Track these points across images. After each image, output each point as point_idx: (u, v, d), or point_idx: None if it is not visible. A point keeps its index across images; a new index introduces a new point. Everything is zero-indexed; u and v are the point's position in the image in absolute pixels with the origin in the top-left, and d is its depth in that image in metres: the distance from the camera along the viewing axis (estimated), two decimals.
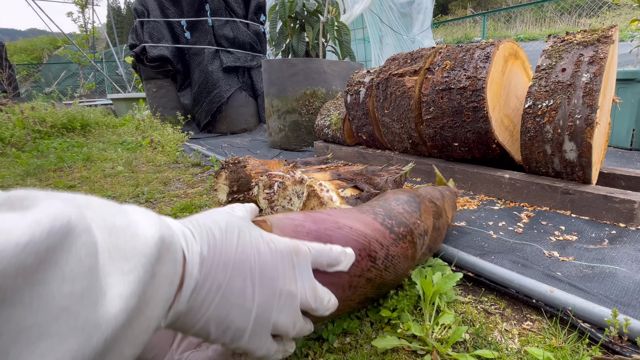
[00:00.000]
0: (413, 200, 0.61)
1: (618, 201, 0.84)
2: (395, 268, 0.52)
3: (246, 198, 1.07)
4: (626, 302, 0.56)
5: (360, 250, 0.47)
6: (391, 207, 0.58)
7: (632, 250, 0.71)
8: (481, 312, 0.59)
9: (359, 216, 0.52)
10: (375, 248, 0.49)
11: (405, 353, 0.49)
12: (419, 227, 0.57)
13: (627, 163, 1.49)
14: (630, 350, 0.47)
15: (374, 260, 0.48)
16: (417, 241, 0.56)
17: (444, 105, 1.16)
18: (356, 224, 0.49)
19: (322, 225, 0.46)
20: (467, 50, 1.17)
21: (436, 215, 0.64)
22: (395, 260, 0.52)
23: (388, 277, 0.51)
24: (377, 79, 1.44)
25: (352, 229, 0.48)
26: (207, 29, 3.02)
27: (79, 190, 1.40)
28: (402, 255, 0.53)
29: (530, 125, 0.96)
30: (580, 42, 0.93)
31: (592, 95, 0.85)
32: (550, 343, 0.50)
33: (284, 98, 2.13)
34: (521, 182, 1.02)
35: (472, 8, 12.95)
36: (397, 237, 0.53)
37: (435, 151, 1.31)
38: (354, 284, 0.46)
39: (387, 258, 0.50)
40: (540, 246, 0.75)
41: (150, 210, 0.30)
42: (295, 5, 2.23)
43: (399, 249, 0.52)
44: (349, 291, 0.46)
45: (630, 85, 1.67)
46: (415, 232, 0.56)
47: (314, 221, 0.46)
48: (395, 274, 0.52)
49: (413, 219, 0.57)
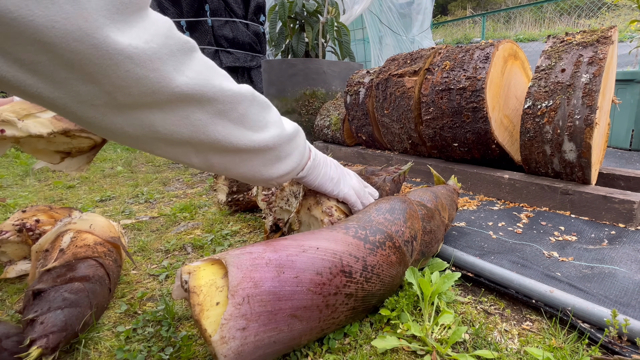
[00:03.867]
0: (397, 208, 0.61)
1: (617, 201, 0.84)
2: (379, 277, 0.52)
3: (245, 198, 1.07)
4: (625, 302, 0.56)
5: (331, 268, 0.47)
6: (370, 218, 0.58)
7: (632, 250, 0.71)
8: (481, 313, 0.59)
9: (328, 234, 0.52)
10: (348, 262, 0.49)
11: (405, 353, 0.49)
12: (403, 234, 0.57)
13: (626, 163, 1.49)
14: (630, 351, 0.47)
15: (349, 274, 0.48)
16: (400, 246, 0.56)
17: (444, 106, 1.16)
18: (323, 243, 0.49)
19: (283, 252, 0.46)
20: (466, 50, 1.17)
21: (426, 217, 0.64)
22: (377, 270, 0.51)
23: (373, 288, 0.51)
24: (377, 80, 1.44)
25: (319, 249, 0.48)
26: (206, 29, 3.02)
27: (78, 191, 1.40)
28: (385, 263, 0.53)
29: (530, 126, 0.96)
30: (579, 42, 0.93)
31: (592, 96, 0.85)
32: (550, 343, 0.50)
33: (283, 98, 2.13)
34: (521, 183, 1.02)
35: (472, 9, 12.96)
36: (374, 246, 0.52)
37: (435, 151, 1.31)
38: (331, 303, 0.46)
39: (365, 269, 0.50)
40: (540, 246, 0.75)
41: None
42: (295, 5, 2.23)
43: (378, 257, 0.52)
44: (327, 310, 0.46)
45: (630, 85, 1.67)
46: (395, 237, 0.56)
47: (275, 250, 0.46)
48: (381, 283, 0.52)
49: (395, 227, 0.57)
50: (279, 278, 0.43)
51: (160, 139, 0.40)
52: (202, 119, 0.41)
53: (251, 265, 0.43)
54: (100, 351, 0.51)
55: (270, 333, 0.42)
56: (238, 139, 0.45)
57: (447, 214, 0.73)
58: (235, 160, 0.48)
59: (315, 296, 0.45)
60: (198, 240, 0.87)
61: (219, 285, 0.43)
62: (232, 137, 0.45)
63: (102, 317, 0.59)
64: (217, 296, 0.42)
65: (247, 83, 3.23)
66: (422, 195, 0.72)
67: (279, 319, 0.42)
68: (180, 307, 0.61)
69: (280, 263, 0.45)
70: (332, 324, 0.48)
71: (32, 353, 0.43)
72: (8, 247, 0.71)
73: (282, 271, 0.44)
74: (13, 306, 0.63)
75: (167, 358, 0.50)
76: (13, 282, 0.71)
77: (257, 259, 0.44)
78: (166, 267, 0.76)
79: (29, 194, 1.34)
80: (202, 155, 0.45)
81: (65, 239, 0.63)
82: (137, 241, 0.89)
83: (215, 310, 0.41)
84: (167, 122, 0.39)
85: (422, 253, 0.62)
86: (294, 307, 0.43)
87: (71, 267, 0.56)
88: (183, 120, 0.40)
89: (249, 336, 0.40)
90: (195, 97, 0.39)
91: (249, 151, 0.48)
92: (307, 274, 0.45)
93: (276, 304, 0.42)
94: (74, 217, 0.69)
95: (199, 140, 0.42)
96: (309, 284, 0.45)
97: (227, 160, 0.47)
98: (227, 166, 0.48)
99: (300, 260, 0.46)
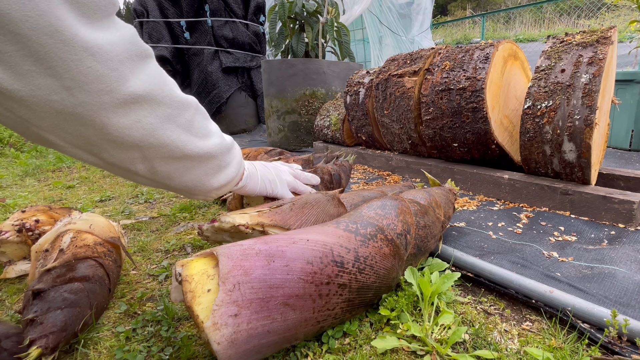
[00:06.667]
0: (388, 204, 0.62)
1: (617, 202, 0.84)
2: (373, 269, 0.52)
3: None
4: (625, 302, 0.56)
5: (322, 257, 0.47)
6: (361, 214, 0.59)
7: (631, 250, 0.71)
8: (481, 313, 0.59)
9: (319, 229, 0.52)
10: (339, 253, 0.49)
11: (404, 353, 0.49)
12: (395, 227, 0.58)
13: (626, 164, 1.49)
14: (630, 351, 0.47)
15: (341, 264, 0.48)
16: (392, 238, 0.56)
17: (444, 106, 1.16)
18: (314, 235, 0.50)
19: (273, 244, 0.47)
20: (466, 51, 1.17)
21: (420, 213, 0.65)
22: (370, 261, 0.52)
23: (367, 280, 0.51)
24: (377, 80, 1.44)
25: (309, 240, 0.49)
26: (206, 29, 3.02)
27: (78, 191, 1.40)
28: (378, 255, 0.53)
29: (530, 126, 0.96)
30: (579, 43, 0.93)
31: (591, 96, 0.85)
32: (550, 343, 0.50)
33: (283, 98, 2.13)
34: (520, 183, 1.02)
35: (472, 9, 12.97)
36: (365, 238, 0.53)
37: (435, 152, 1.31)
38: (324, 292, 0.46)
39: (358, 260, 0.50)
40: (540, 247, 0.75)
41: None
42: (294, 5, 2.23)
43: (370, 249, 0.53)
44: (321, 300, 0.46)
45: (629, 86, 1.67)
46: (387, 230, 0.56)
47: (265, 242, 0.47)
48: (375, 275, 0.52)
49: (387, 221, 0.58)
50: (269, 266, 0.44)
51: (110, 141, 0.41)
52: (152, 122, 0.43)
53: (241, 255, 0.44)
54: (99, 351, 0.51)
55: (263, 322, 0.42)
56: (184, 144, 0.47)
57: (442, 211, 0.73)
58: (180, 169, 0.49)
59: (307, 285, 0.45)
60: (198, 240, 0.87)
61: (211, 274, 0.44)
62: (179, 142, 0.47)
63: (101, 317, 0.59)
64: (208, 284, 0.42)
65: (247, 83, 3.23)
66: (416, 194, 0.73)
67: (271, 307, 0.42)
68: (180, 308, 0.61)
69: (270, 253, 0.45)
70: (328, 315, 0.48)
71: (32, 353, 0.43)
72: (8, 247, 0.71)
73: (272, 260, 0.45)
74: (13, 306, 0.63)
75: (167, 358, 0.49)
76: (13, 282, 0.71)
77: (248, 250, 0.45)
78: (166, 268, 0.76)
79: (29, 194, 1.34)
80: (148, 162, 0.46)
81: (65, 239, 0.63)
82: (136, 241, 0.89)
83: (207, 297, 0.41)
84: (120, 124, 0.40)
85: (419, 247, 0.62)
86: (286, 295, 0.43)
87: (71, 267, 0.56)
88: (135, 124, 0.41)
89: (241, 324, 0.40)
90: (146, 98, 0.41)
91: (193, 158, 0.50)
92: (298, 263, 0.46)
93: (267, 292, 0.43)
94: (73, 217, 0.69)
95: (148, 144, 0.44)
96: (299, 272, 0.45)
97: (172, 169, 0.48)
98: (171, 175, 0.49)
99: (290, 250, 0.47)
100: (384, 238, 0.55)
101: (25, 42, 0.32)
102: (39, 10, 0.31)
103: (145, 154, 0.45)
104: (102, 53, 0.36)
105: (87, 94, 0.37)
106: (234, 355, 0.40)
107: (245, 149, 1.35)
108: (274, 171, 0.73)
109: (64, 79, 0.35)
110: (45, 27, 0.32)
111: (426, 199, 0.72)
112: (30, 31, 0.31)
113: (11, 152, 2.17)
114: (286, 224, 0.61)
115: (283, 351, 0.50)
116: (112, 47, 0.37)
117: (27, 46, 0.32)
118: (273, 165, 0.75)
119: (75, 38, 0.34)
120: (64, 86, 0.35)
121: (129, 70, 0.39)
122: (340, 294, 0.48)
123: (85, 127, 0.39)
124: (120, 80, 0.38)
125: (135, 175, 0.47)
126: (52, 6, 0.32)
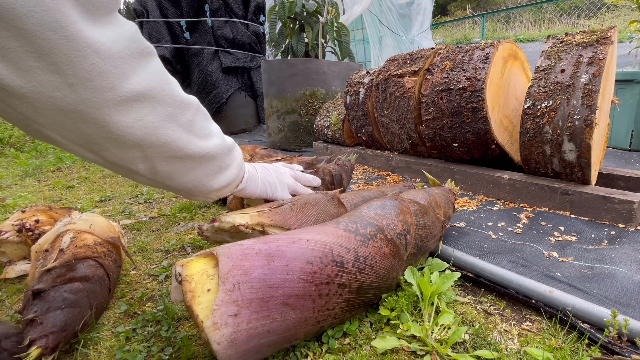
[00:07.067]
0: (387, 204, 0.62)
1: (617, 202, 0.84)
2: (372, 269, 0.52)
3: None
4: (625, 302, 0.56)
5: (321, 257, 0.47)
6: (361, 214, 0.59)
7: (631, 250, 0.71)
8: (481, 313, 0.59)
9: (319, 229, 0.52)
10: (339, 253, 0.49)
11: (404, 353, 0.49)
12: (395, 227, 0.58)
13: (626, 164, 1.49)
14: (630, 351, 0.47)
15: (340, 264, 0.48)
16: (392, 238, 0.56)
17: (444, 106, 1.16)
18: (314, 235, 0.50)
19: (273, 244, 0.47)
20: (466, 51, 1.17)
21: (419, 213, 0.65)
22: (370, 261, 0.52)
23: (367, 280, 0.51)
24: (377, 80, 1.44)
25: (309, 240, 0.49)
26: (206, 29, 3.02)
27: (78, 191, 1.40)
28: (378, 254, 0.53)
29: (530, 126, 0.96)
30: (579, 43, 0.93)
31: (591, 96, 0.85)
32: (550, 343, 0.50)
33: (283, 98, 2.13)
34: (520, 183, 1.02)
35: (472, 9, 12.97)
36: (365, 238, 0.53)
37: (435, 152, 1.31)
38: (324, 292, 0.46)
39: (357, 260, 0.50)
40: (540, 247, 0.75)
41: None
42: (294, 5, 2.23)
43: (370, 249, 0.53)
44: (321, 300, 0.46)
45: (629, 86, 1.67)
46: (387, 230, 0.56)
47: (265, 242, 0.47)
48: (375, 275, 0.52)
49: (386, 221, 0.58)
50: (269, 266, 0.44)
51: (111, 139, 0.41)
52: (153, 121, 0.43)
53: (241, 255, 0.44)
54: (99, 351, 0.51)
55: (263, 321, 0.42)
56: (185, 144, 0.47)
57: (442, 211, 0.73)
58: (181, 169, 0.49)
59: (307, 284, 0.45)
60: (198, 240, 0.87)
61: (210, 273, 0.44)
62: (180, 142, 0.47)
63: (101, 318, 0.59)
64: (208, 283, 0.42)
65: (247, 83, 3.23)
66: (415, 194, 0.73)
67: (271, 306, 0.43)
68: (180, 308, 0.61)
69: (270, 253, 0.45)
70: (327, 315, 0.48)
71: (32, 353, 0.43)
72: (7, 247, 0.71)
73: (272, 260, 0.45)
74: (13, 306, 0.63)
75: (167, 358, 0.49)
76: (13, 282, 0.71)
77: (247, 250, 0.45)
78: (166, 268, 0.76)
79: (29, 194, 1.34)
80: (149, 161, 0.46)
81: (65, 239, 0.63)
82: (136, 241, 0.89)
83: (207, 297, 0.41)
84: (121, 122, 0.40)
85: (418, 247, 0.62)
86: (286, 294, 0.43)
87: (71, 267, 0.56)
88: (136, 123, 0.41)
89: (241, 323, 0.40)
90: (147, 96, 0.41)
91: (194, 158, 0.49)
92: (297, 263, 0.46)
93: (267, 291, 0.43)
94: (73, 217, 0.69)
95: (149, 143, 0.44)
96: (299, 272, 0.45)
97: (173, 169, 0.48)
98: (171, 175, 0.49)
99: (290, 250, 0.47)
100: (384, 238, 0.55)
101: (30, 37, 0.31)
102: (44, 6, 0.31)
103: (146, 153, 0.45)
104: (105, 50, 0.36)
105: (90, 91, 0.36)
106: (233, 355, 0.40)
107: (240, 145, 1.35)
108: (275, 173, 0.73)
109: (67, 76, 0.35)
110: (50, 22, 0.32)
111: (426, 199, 0.72)
112: (35, 26, 0.31)
113: (11, 152, 2.17)
114: (286, 224, 0.61)
115: (283, 351, 0.50)
116: (114, 44, 0.37)
117: (31, 42, 0.32)
118: (274, 167, 0.74)
119: (79, 34, 0.34)
120: (67, 83, 0.35)
121: (131, 67, 0.39)
122: (340, 293, 0.48)
123: (87, 124, 0.39)
124: (122, 77, 0.38)
125: (136, 175, 0.47)
126: (57, 2, 0.32)
